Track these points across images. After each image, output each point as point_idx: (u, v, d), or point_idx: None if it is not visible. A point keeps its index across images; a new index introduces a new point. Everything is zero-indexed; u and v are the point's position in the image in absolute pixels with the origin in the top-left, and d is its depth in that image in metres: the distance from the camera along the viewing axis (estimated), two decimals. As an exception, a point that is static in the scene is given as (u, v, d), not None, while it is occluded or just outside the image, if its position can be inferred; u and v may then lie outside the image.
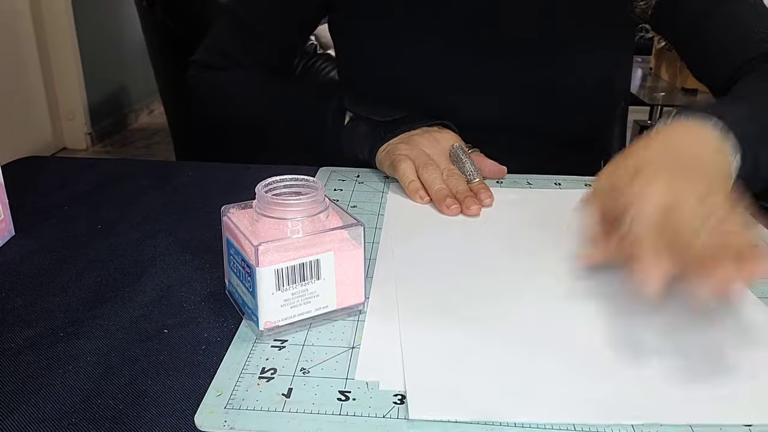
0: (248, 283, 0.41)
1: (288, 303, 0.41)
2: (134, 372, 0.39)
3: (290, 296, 0.41)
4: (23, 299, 0.47)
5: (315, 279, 0.42)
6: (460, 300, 0.47)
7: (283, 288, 0.41)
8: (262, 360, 0.40)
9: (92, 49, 3.20)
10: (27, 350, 0.41)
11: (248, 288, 0.41)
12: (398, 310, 0.45)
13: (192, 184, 0.70)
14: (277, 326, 0.42)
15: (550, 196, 0.66)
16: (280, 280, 0.40)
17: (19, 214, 0.58)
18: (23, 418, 0.35)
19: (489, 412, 0.35)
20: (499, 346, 0.41)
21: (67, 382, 0.38)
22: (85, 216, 0.61)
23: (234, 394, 0.37)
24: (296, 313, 0.42)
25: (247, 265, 0.41)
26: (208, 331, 0.43)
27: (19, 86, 2.89)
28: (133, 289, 0.48)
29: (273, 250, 0.40)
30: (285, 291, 0.41)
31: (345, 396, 0.37)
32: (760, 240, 0.52)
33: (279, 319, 0.41)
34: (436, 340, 0.42)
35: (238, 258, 0.42)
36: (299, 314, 0.42)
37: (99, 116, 3.31)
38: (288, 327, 0.42)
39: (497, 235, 0.57)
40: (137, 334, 0.43)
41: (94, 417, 0.36)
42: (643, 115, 3.11)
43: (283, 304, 0.41)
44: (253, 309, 0.41)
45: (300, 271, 0.41)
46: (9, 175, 0.57)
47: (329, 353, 0.41)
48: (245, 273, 0.41)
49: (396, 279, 0.49)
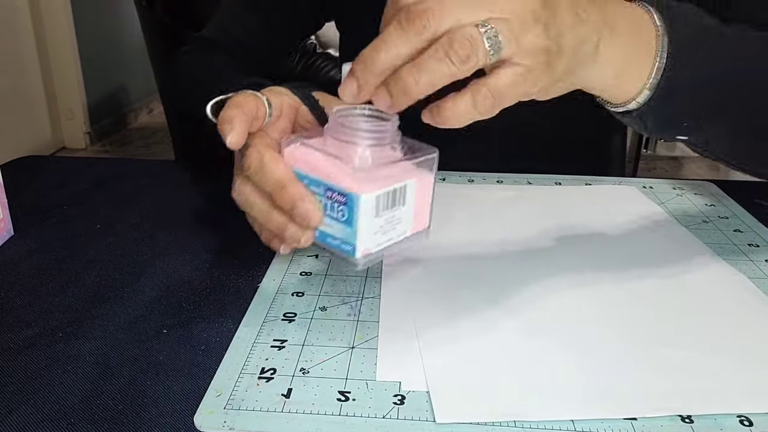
0: (340, 213, 0.40)
1: (381, 230, 0.41)
2: (133, 372, 0.39)
3: (383, 222, 0.41)
4: (22, 299, 0.47)
5: (401, 205, 0.42)
6: (472, 297, 0.47)
7: (379, 214, 0.40)
8: (262, 360, 0.40)
9: (91, 48, 3.20)
10: (26, 350, 0.41)
11: (340, 217, 0.40)
12: (412, 311, 0.45)
13: (192, 183, 0.70)
14: (371, 253, 0.41)
15: (551, 194, 0.66)
16: (379, 207, 0.40)
17: (18, 214, 0.58)
18: (22, 419, 0.35)
19: (514, 412, 0.36)
20: (517, 344, 0.42)
21: (66, 382, 0.38)
22: (84, 216, 0.61)
23: (233, 394, 0.37)
24: (385, 239, 0.42)
25: (340, 194, 0.40)
26: (208, 332, 0.43)
27: (18, 85, 2.89)
28: (132, 289, 0.48)
29: (371, 178, 0.39)
30: (380, 217, 0.40)
31: (345, 396, 0.37)
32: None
33: (373, 246, 0.41)
34: (453, 339, 0.42)
35: (321, 188, 0.41)
36: (386, 241, 0.42)
37: (98, 115, 3.31)
38: (378, 254, 0.42)
39: (502, 229, 0.57)
40: (136, 334, 0.43)
41: (93, 417, 0.35)
42: (643, 114, 3.09)
43: (377, 230, 0.41)
44: (346, 238, 0.41)
45: (392, 197, 0.41)
46: (8, 174, 0.57)
47: (329, 353, 0.41)
48: (336, 203, 0.40)
49: (405, 279, 0.49)
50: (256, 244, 0.46)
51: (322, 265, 0.51)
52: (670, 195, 0.67)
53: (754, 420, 0.36)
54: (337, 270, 0.51)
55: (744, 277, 0.50)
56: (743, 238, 0.58)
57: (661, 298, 0.47)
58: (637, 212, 0.62)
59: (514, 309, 0.45)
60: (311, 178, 0.41)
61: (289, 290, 0.48)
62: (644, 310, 0.46)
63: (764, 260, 0.54)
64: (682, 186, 0.70)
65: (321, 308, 0.46)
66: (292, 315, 0.45)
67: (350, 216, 0.40)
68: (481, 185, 0.68)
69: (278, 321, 0.44)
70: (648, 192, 0.68)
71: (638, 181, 0.71)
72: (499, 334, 0.43)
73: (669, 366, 0.40)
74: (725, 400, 0.37)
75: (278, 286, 0.48)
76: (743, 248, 0.56)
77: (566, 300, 0.47)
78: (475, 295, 0.47)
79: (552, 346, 0.41)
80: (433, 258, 0.53)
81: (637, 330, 0.43)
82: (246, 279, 0.49)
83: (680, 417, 0.36)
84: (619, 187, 0.69)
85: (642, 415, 0.36)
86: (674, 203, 0.65)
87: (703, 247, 0.55)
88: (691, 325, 0.44)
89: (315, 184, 0.41)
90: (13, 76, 2.83)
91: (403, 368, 0.39)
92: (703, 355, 0.41)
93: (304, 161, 0.42)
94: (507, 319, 0.44)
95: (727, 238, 0.58)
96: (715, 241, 0.57)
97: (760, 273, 0.52)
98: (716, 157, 0.54)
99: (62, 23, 3.02)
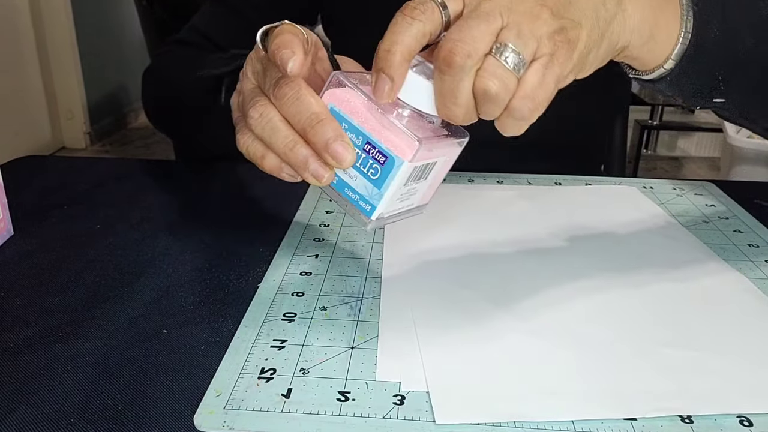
0: (373, 169, 0.38)
1: (401, 198, 0.40)
2: (133, 372, 0.39)
3: (405, 191, 0.40)
4: (22, 299, 0.47)
5: (424, 178, 0.41)
6: (473, 297, 0.47)
7: (407, 183, 0.39)
8: (262, 360, 0.40)
9: (91, 48, 3.20)
10: (25, 350, 0.41)
11: (370, 174, 0.39)
12: (412, 311, 0.45)
13: (191, 183, 0.70)
14: (383, 218, 0.40)
15: (551, 194, 0.66)
16: (411, 176, 0.39)
17: (18, 214, 0.58)
18: (22, 419, 0.35)
19: (514, 412, 0.36)
20: (517, 344, 0.42)
21: (66, 382, 0.38)
22: (84, 216, 0.61)
23: (233, 394, 0.37)
24: (397, 207, 0.41)
25: (380, 152, 0.38)
26: (208, 332, 0.43)
27: (18, 85, 2.89)
28: (132, 289, 0.48)
29: (415, 146, 0.37)
30: (406, 186, 0.39)
31: (344, 396, 0.37)
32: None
33: (387, 212, 0.40)
34: (453, 339, 0.42)
35: (360, 139, 0.39)
36: (398, 209, 0.41)
37: (98, 115, 3.31)
38: (386, 221, 0.41)
39: (503, 229, 0.57)
40: (136, 334, 0.43)
41: (92, 417, 0.35)
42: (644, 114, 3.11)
43: (398, 198, 0.40)
44: (368, 197, 0.39)
45: (423, 170, 0.40)
46: (8, 174, 0.57)
47: (329, 353, 0.41)
48: (372, 159, 0.38)
49: (405, 279, 0.49)
50: (257, 244, 0.46)
51: (322, 265, 0.51)
52: (670, 195, 0.67)
53: (754, 420, 0.36)
54: (337, 270, 0.51)
55: (744, 277, 0.50)
56: (743, 238, 0.58)
57: (661, 298, 0.47)
58: (637, 212, 0.62)
59: (513, 309, 0.45)
60: (351, 124, 0.39)
61: (289, 290, 0.48)
62: (644, 310, 0.46)
63: (764, 260, 0.54)
64: (682, 186, 0.70)
65: (321, 308, 0.46)
66: (292, 315, 0.45)
67: (383, 177, 0.38)
68: (481, 185, 0.68)
69: (278, 321, 0.44)
70: (648, 192, 0.68)
71: (638, 181, 0.71)
72: (499, 334, 0.43)
73: (669, 366, 0.40)
74: (725, 400, 0.37)
75: (278, 286, 0.48)
76: (743, 248, 0.56)
77: (566, 300, 0.47)
78: (475, 295, 0.47)
79: (552, 346, 0.41)
80: (433, 258, 0.53)
81: (636, 330, 0.43)
82: (246, 279, 0.49)
83: (680, 417, 0.36)
84: (619, 187, 0.69)
85: (642, 415, 0.36)
86: (674, 203, 0.65)
87: (703, 247, 0.55)
88: (690, 325, 0.44)
89: (354, 132, 0.39)
90: (13, 76, 2.83)
91: (403, 368, 0.39)
92: (702, 355, 0.41)
93: (348, 104, 0.39)
94: (507, 319, 0.44)
95: (727, 238, 0.58)
96: (715, 241, 0.57)
97: (760, 273, 0.52)
98: (752, 121, 0.54)
99: (62, 23, 3.02)
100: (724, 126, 2.32)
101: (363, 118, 0.39)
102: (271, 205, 0.64)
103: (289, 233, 0.57)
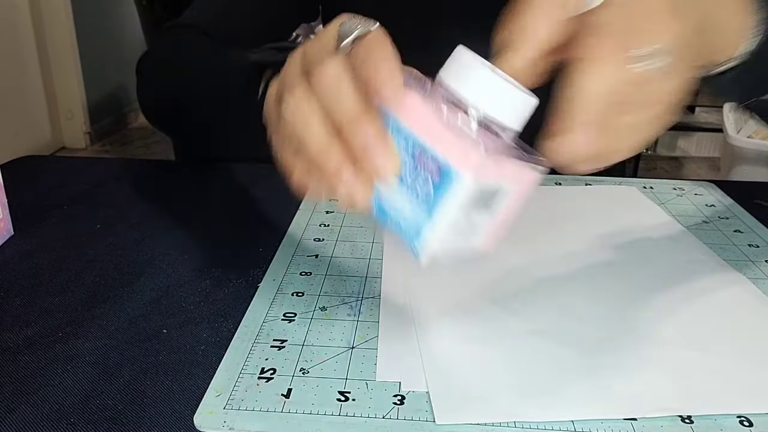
0: (423, 185, 0.31)
1: (459, 231, 0.32)
2: (133, 372, 0.39)
3: (465, 224, 0.32)
4: (21, 299, 0.47)
5: (489, 212, 0.32)
6: (473, 297, 0.47)
7: (468, 211, 0.31)
8: (262, 360, 0.40)
9: (91, 48, 3.20)
10: (25, 350, 0.41)
11: (420, 190, 0.31)
12: (411, 310, 0.45)
13: (191, 183, 0.70)
14: (436, 257, 0.32)
15: (551, 194, 0.66)
16: (473, 201, 0.31)
17: (18, 214, 0.58)
18: (21, 419, 0.35)
19: (515, 412, 0.36)
20: (517, 344, 0.42)
21: (66, 382, 0.38)
22: (84, 215, 0.61)
23: (233, 394, 0.37)
24: (454, 246, 0.32)
25: (433, 159, 0.30)
26: (208, 332, 0.43)
27: (18, 85, 2.89)
28: (132, 289, 0.48)
29: (482, 159, 0.30)
30: (466, 214, 0.31)
31: (344, 396, 0.37)
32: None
33: (441, 249, 0.32)
34: (453, 339, 0.42)
35: (408, 143, 0.31)
36: (453, 249, 0.33)
37: (98, 115, 3.31)
38: (442, 257, 0.33)
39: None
40: (136, 334, 0.43)
41: (92, 417, 0.35)
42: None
43: (456, 230, 0.32)
44: (416, 223, 0.31)
45: (488, 198, 0.31)
46: (7, 174, 0.57)
47: (329, 353, 0.41)
48: (424, 175, 0.30)
49: (405, 278, 0.49)
50: (256, 244, 0.46)
51: (322, 265, 0.51)
52: (670, 195, 0.67)
53: (754, 420, 0.36)
54: (337, 270, 0.51)
55: (744, 278, 0.50)
56: (743, 239, 0.58)
57: (661, 298, 0.47)
58: (637, 212, 0.62)
59: (513, 309, 0.45)
60: (398, 126, 0.31)
61: (289, 290, 0.48)
62: (644, 310, 0.46)
63: (764, 260, 0.54)
64: (682, 186, 0.70)
65: (321, 308, 0.46)
66: (292, 315, 0.45)
67: (435, 199, 0.30)
68: (481, 185, 0.68)
69: (278, 321, 0.44)
70: (648, 192, 0.68)
71: (638, 181, 0.71)
72: (499, 334, 0.43)
73: (669, 366, 0.40)
74: (725, 400, 0.37)
75: (278, 286, 0.48)
76: (743, 248, 0.56)
77: (565, 300, 0.47)
78: (475, 296, 0.47)
79: (551, 346, 0.41)
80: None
81: (636, 330, 0.43)
82: (246, 279, 0.49)
83: (680, 417, 0.36)
84: (619, 187, 0.69)
85: (642, 415, 0.36)
86: (674, 203, 0.65)
87: (703, 248, 0.55)
88: (690, 325, 0.44)
89: (401, 135, 0.31)
90: (13, 76, 2.83)
91: (403, 368, 0.39)
92: (702, 355, 0.41)
93: (423, 116, 0.31)
94: (507, 320, 0.44)
95: (727, 238, 0.58)
96: (715, 242, 0.57)
97: (760, 273, 0.52)
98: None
99: (62, 23, 3.02)
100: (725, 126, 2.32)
101: (442, 134, 0.30)
102: (271, 205, 0.63)
103: (289, 233, 0.57)
